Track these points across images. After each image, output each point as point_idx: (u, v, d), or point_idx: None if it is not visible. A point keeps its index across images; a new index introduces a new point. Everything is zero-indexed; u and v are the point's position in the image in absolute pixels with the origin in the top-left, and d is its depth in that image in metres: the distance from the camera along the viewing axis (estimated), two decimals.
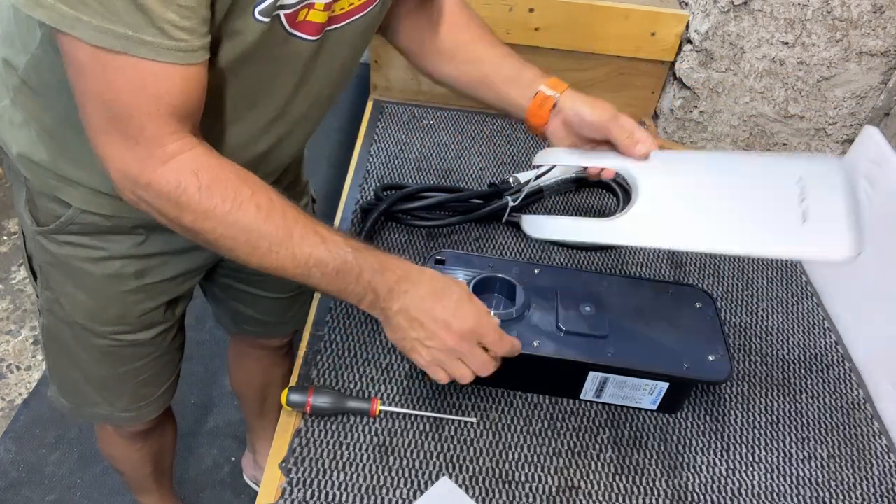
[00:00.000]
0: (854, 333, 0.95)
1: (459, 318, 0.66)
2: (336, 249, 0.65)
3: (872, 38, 1.13)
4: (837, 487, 0.78)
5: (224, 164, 0.63)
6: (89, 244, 0.80)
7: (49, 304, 0.88)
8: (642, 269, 1.01)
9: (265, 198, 0.64)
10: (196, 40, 0.56)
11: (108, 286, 0.84)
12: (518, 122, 0.87)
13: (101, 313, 0.86)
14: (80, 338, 0.89)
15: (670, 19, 1.21)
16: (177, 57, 0.56)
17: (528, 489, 0.73)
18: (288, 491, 0.71)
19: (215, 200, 0.61)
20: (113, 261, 0.82)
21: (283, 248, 0.64)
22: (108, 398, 0.96)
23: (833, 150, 1.28)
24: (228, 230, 0.63)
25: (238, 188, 0.63)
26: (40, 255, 0.84)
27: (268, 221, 0.63)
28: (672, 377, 0.77)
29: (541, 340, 0.77)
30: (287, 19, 0.63)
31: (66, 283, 0.84)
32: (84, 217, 0.77)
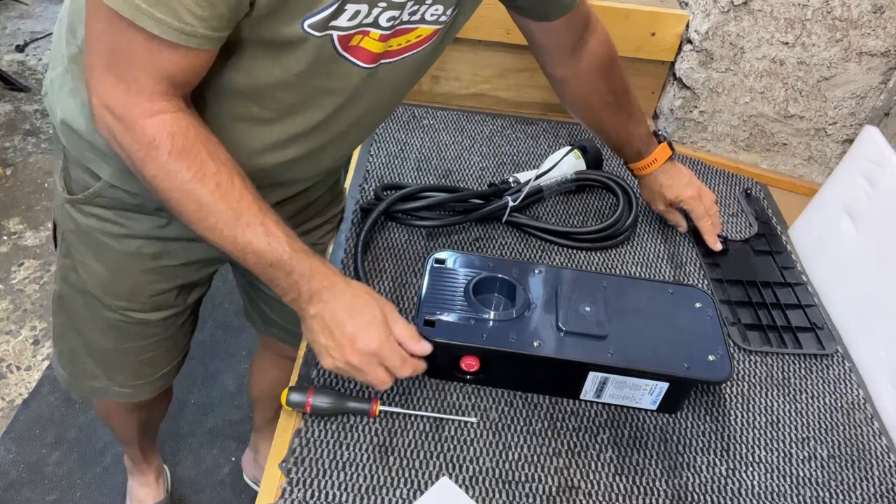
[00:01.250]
0: (854, 333, 0.95)
1: (366, 339, 0.70)
2: (275, 245, 0.68)
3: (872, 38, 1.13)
4: (837, 487, 0.78)
5: (200, 136, 0.66)
6: (113, 219, 0.83)
7: (65, 272, 0.90)
8: (642, 270, 1.01)
9: (227, 177, 0.67)
10: (204, 30, 0.58)
11: (125, 262, 0.86)
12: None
13: (115, 287, 0.88)
14: (91, 307, 0.91)
15: (670, 19, 1.21)
16: (178, 38, 0.58)
17: (528, 489, 0.73)
18: (288, 491, 0.71)
19: (181, 166, 0.64)
20: (133, 239, 0.84)
21: (227, 229, 0.67)
22: (107, 371, 0.98)
23: (833, 150, 1.28)
24: (183, 197, 0.66)
25: (204, 161, 0.65)
26: (65, 223, 0.87)
27: (222, 201, 0.66)
28: (672, 377, 0.77)
29: (541, 340, 0.77)
30: (340, 41, 0.65)
31: (86, 253, 0.86)
32: (112, 192, 0.80)
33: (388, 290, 0.93)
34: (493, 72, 1.31)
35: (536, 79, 1.31)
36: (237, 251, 0.68)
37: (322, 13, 0.61)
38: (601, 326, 0.79)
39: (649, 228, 1.09)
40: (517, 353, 0.76)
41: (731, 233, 1.11)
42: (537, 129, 1.29)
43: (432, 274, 0.84)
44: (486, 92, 1.34)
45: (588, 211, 1.11)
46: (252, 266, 0.70)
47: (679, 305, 0.84)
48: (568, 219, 1.09)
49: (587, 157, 1.12)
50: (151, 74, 0.61)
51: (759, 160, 1.33)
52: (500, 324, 0.78)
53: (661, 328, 0.81)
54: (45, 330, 1.81)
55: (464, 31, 1.24)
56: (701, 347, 0.79)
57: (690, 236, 1.08)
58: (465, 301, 0.80)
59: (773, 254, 1.06)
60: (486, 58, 1.29)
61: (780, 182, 1.30)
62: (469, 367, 0.79)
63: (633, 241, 1.06)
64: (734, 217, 1.15)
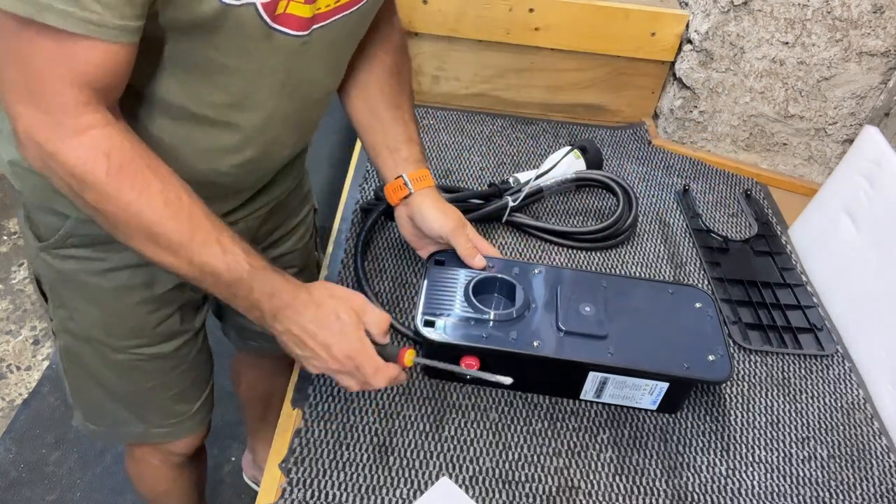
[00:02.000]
0: (854, 333, 0.95)
1: (340, 345, 0.68)
2: (234, 264, 0.65)
3: (872, 38, 1.13)
4: (837, 487, 0.78)
5: (137, 150, 0.61)
6: (92, 256, 0.78)
7: (63, 324, 0.86)
8: (642, 270, 1.01)
9: (174, 195, 0.62)
10: (114, 18, 0.54)
11: (118, 298, 0.82)
12: None
13: (117, 327, 0.84)
14: (100, 353, 0.86)
15: (670, 19, 1.21)
16: (87, 29, 0.53)
17: (528, 489, 0.73)
18: (288, 491, 0.71)
19: (123, 187, 0.60)
20: (118, 272, 0.80)
21: (182, 250, 0.63)
22: (139, 414, 0.93)
23: (833, 150, 1.28)
24: (130, 219, 0.61)
25: (148, 179, 0.61)
26: (47, 273, 0.82)
27: (172, 220, 0.62)
28: (672, 377, 0.77)
29: (541, 341, 0.77)
30: (265, 9, 0.61)
31: (76, 298, 0.82)
32: (84, 228, 0.76)
33: (387, 290, 0.93)
34: (493, 72, 1.31)
35: (536, 79, 1.31)
36: (193, 273, 0.64)
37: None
38: (601, 326, 0.79)
39: (649, 228, 1.09)
40: (517, 353, 0.76)
41: (731, 233, 1.11)
42: (537, 129, 1.29)
43: (432, 274, 0.84)
44: (486, 92, 1.34)
45: (588, 211, 1.11)
46: (210, 287, 0.66)
47: (679, 305, 0.84)
48: (568, 219, 1.09)
49: (587, 157, 1.12)
50: (69, 82, 0.56)
51: (759, 160, 1.33)
52: (499, 324, 0.78)
53: (661, 328, 0.81)
54: (44, 330, 1.81)
55: (464, 31, 1.25)
56: (701, 347, 0.79)
57: (691, 236, 1.08)
58: (464, 301, 0.80)
59: (773, 255, 1.06)
60: (486, 58, 1.29)
61: (780, 182, 1.30)
62: (469, 368, 0.79)
63: (633, 241, 1.06)
64: (734, 217, 1.15)
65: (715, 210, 1.15)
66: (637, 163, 1.24)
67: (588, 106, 1.35)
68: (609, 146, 1.27)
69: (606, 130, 1.32)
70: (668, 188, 1.18)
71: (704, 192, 1.19)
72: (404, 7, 1.22)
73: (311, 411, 0.78)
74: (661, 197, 1.16)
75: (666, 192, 1.18)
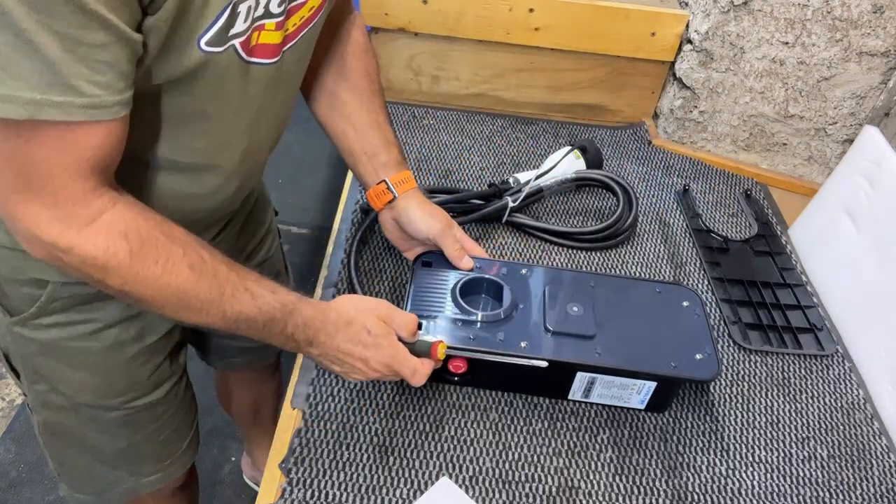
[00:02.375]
0: (854, 333, 0.95)
1: (374, 357, 0.70)
2: (265, 307, 0.65)
3: (872, 38, 1.13)
4: (837, 487, 0.78)
5: (151, 221, 0.60)
6: (78, 319, 0.75)
7: (42, 398, 0.82)
8: (642, 270, 1.01)
9: (197, 257, 0.61)
10: (111, 95, 0.52)
11: (109, 358, 0.79)
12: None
13: (110, 387, 0.82)
14: (89, 418, 0.83)
15: (670, 19, 1.21)
16: (89, 114, 0.51)
17: (528, 489, 0.73)
18: (288, 491, 0.71)
19: (147, 264, 0.58)
20: (108, 330, 0.77)
21: (214, 308, 0.62)
22: (129, 469, 0.92)
23: (833, 150, 1.28)
24: (159, 293, 0.60)
25: (169, 249, 0.60)
26: (21, 347, 0.77)
27: (199, 282, 0.61)
28: (659, 376, 0.77)
29: (528, 341, 0.77)
30: (242, 47, 0.60)
31: (60, 368, 0.78)
32: (65, 290, 0.72)
33: (387, 290, 0.93)
34: (493, 72, 1.31)
35: (536, 79, 1.31)
36: (227, 325, 0.64)
37: (215, 25, 0.55)
38: (589, 326, 0.79)
39: (649, 228, 1.09)
40: (505, 354, 0.76)
41: (731, 233, 1.11)
42: (537, 129, 1.29)
43: (419, 275, 0.84)
44: (486, 92, 1.34)
45: (588, 211, 1.11)
46: (244, 332, 0.66)
47: (667, 304, 0.84)
48: (568, 219, 1.09)
49: (587, 157, 1.12)
50: (75, 172, 0.54)
51: (759, 160, 1.33)
52: (487, 325, 0.78)
53: (648, 327, 0.81)
54: None
55: (464, 31, 1.25)
56: (688, 346, 0.79)
57: (691, 236, 1.08)
58: (452, 302, 0.80)
59: (773, 255, 1.06)
60: (486, 58, 1.29)
61: (780, 182, 1.30)
62: (457, 369, 0.79)
63: (633, 241, 1.06)
64: (734, 217, 1.15)
65: (715, 210, 1.15)
66: (637, 163, 1.24)
67: (588, 106, 1.35)
68: (609, 146, 1.27)
69: (606, 130, 1.32)
70: (668, 188, 1.18)
71: (704, 192, 1.19)
72: (404, 7, 1.22)
73: (311, 411, 0.78)
74: (661, 197, 1.16)
75: (666, 192, 1.18)
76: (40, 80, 0.48)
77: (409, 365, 0.72)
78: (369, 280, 0.94)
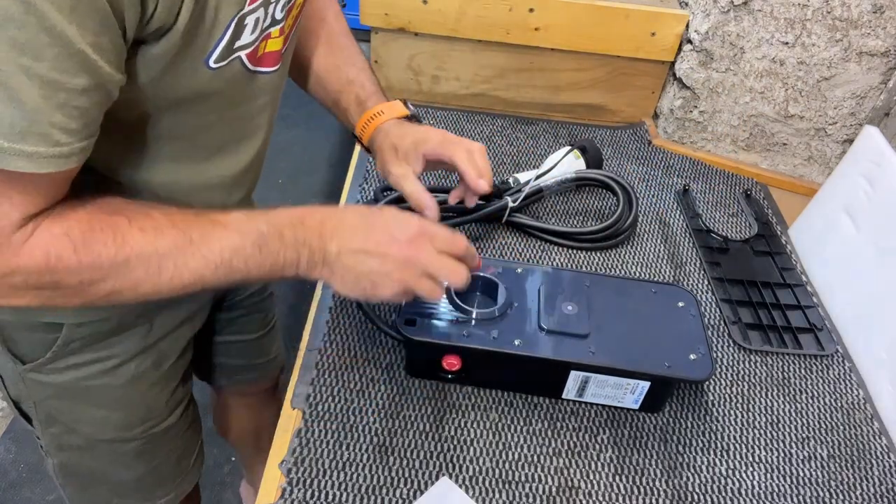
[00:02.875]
0: (854, 333, 0.95)
1: (400, 227, 0.61)
2: (244, 227, 0.57)
3: (872, 38, 1.13)
4: (837, 487, 0.78)
5: (90, 207, 0.54)
6: (95, 358, 0.72)
7: (59, 440, 0.79)
8: (642, 270, 1.01)
9: (145, 219, 0.55)
10: (77, 142, 0.48)
11: (130, 391, 0.77)
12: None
13: (130, 419, 0.80)
14: (107, 453, 0.82)
15: (670, 19, 1.21)
16: (55, 164, 0.47)
17: (528, 489, 0.73)
18: (288, 491, 0.71)
19: (97, 248, 0.53)
20: (127, 364, 0.75)
21: (190, 257, 0.55)
22: (146, 495, 0.91)
23: (833, 150, 1.28)
24: (123, 271, 0.54)
25: (114, 224, 0.54)
26: (35, 393, 0.74)
27: (158, 239, 0.54)
28: (653, 376, 0.77)
29: (522, 339, 0.77)
30: (249, 58, 0.58)
31: (79, 408, 0.76)
32: (81, 331, 0.70)
33: None
34: (493, 72, 1.31)
35: (536, 79, 1.31)
36: (219, 268, 0.56)
37: (221, 42, 0.53)
38: (583, 325, 0.79)
39: (649, 228, 1.09)
40: (498, 351, 0.76)
41: (731, 233, 1.11)
42: (537, 129, 1.29)
43: None
44: (486, 92, 1.34)
45: (588, 211, 1.11)
46: (244, 268, 0.58)
47: (661, 304, 0.84)
48: (568, 219, 1.09)
49: (587, 157, 1.12)
50: (22, 211, 0.49)
51: (759, 160, 1.33)
52: (481, 322, 0.78)
53: (642, 327, 0.81)
54: None
55: (464, 31, 1.25)
56: (682, 346, 0.79)
57: (691, 236, 1.08)
58: (446, 300, 0.80)
59: (773, 255, 1.06)
60: (486, 58, 1.29)
61: (780, 182, 1.30)
62: (451, 367, 0.79)
63: (633, 241, 1.06)
64: (734, 217, 1.15)
65: (715, 210, 1.15)
66: (637, 163, 1.24)
67: (588, 106, 1.35)
68: (609, 146, 1.27)
69: (606, 130, 1.32)
70: (668, 188, 1.18)
71: (704, 192, 1.19)
72: (404, 7, 1.22)
73: (311, 411, 0.78)
74: (661, 197, 1.16)
75: (666, 192, 1.18)
76: (12, 128, 0.44)
77: (445, 263, 0.62)
78: None
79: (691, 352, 0.78)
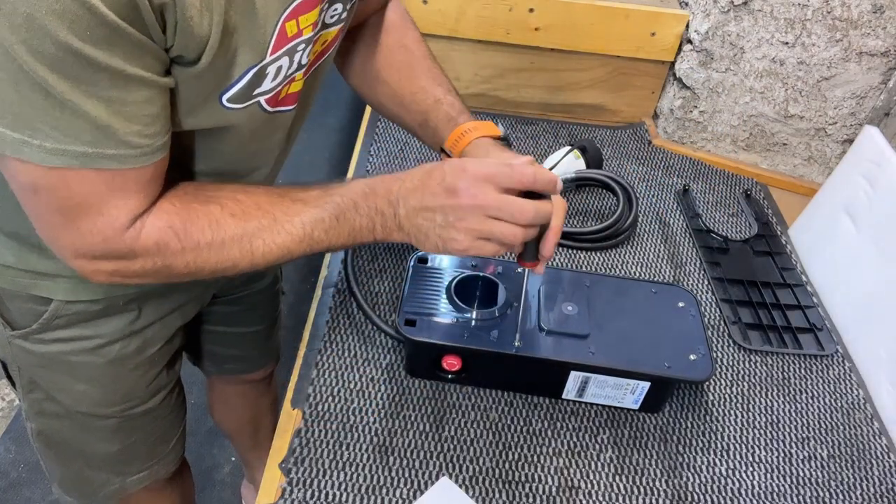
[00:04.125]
0: (854, 333, 0.95)
1: (456, 177, 0.60)
2: (322, 202, 0.63)
3: (872, 38, 1.13)
4: (837, 487, 0.78)
5: (184, 199, 0.61)
6: (81, 335, 0.75)
7: (39, 406, 0.82)
8: (642, 270, 1.01)
9: (234, 204, 0.62)
10: (159, 139, 0.54)
11: (111, 371, 0.80)
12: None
13: (109, 397, 0.82)
14: (82, 425, 0.84)
15: (670, 19, 1.21)
16: (140, 161, 0.53)
17: (528, 489, 0.73)
18: (288, 491, 0.71)
19: (196, 238, 0.60)
20: (112, 345, 0.77)
21: (276, 234, 0.62)
22: (117, 471, 0.92)
23: (833, 150, 1.28)
24: (221, 253, 0.61)
25: (208, 213, 0.60)
26: (20, 358, 0.78)
27: (247, 221, 0.61)
28: (653, 377, 0.77)
29: (522, 340, 0.77)
30: (268, 102, 0.61)
31: (60, 379, 0.79)
32: (69, 307, 0.73)
33: (387, 290, 0.93)
34: (493, 72, 1.31)
35: (536, 79, 1.31)
36: (303, 241, 0.63)
37: (238, 84, 0.56)
38: (583, 326, 0.79)
39: (649, 228, 1.09)
40: (498, 352, 0.76)
41: (731, 233, 1.11)
42: (537, 129, 1.29)
43: (414, 273, 0.84)
44: (486, 92, 1.34)
45: (588, 211, 1.11)
46: (325, 239, 0.63)
47: (662, 305, 0.84)
48: (568, 219, 1.09)
49: (587, 157, 1.12)
50: (126, 213, 0.56)
51: (759, 160, 1.33)
52: (481, 323, 0.78)
53: (643, 327, 0.81)
54: None
55: (464, 31, 1.25)
56: (682, 347, 0.79)
57: (691, 236, 1.08)
58: (446, 300, 0.80)
59: (773, 255, 1.06)
60: (486, 58, 1.29)
61: (780, 182, 1.30)
62: (451, 367, 0.79)
63: (633, 241, 1.06)
64: (734, 217, 1.15)
65: (715, 210, 1.15)
66: (637, 163, 1.24)
67: (588, 106, 1.35)
68: (609, 146, 1.27)
69: (606, 130, 1.32)
70: (668, 188, 1.18)
71: (704, 192, 1.19)
72: None
73: (311, 411, 0.78)
74: (661, 197, 1.16)
75: (666, 192, 1.18)
76: (93, 137, 0.50)
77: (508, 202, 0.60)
78: (369, 280, 0.94)
79: (691, 352, 0.78)
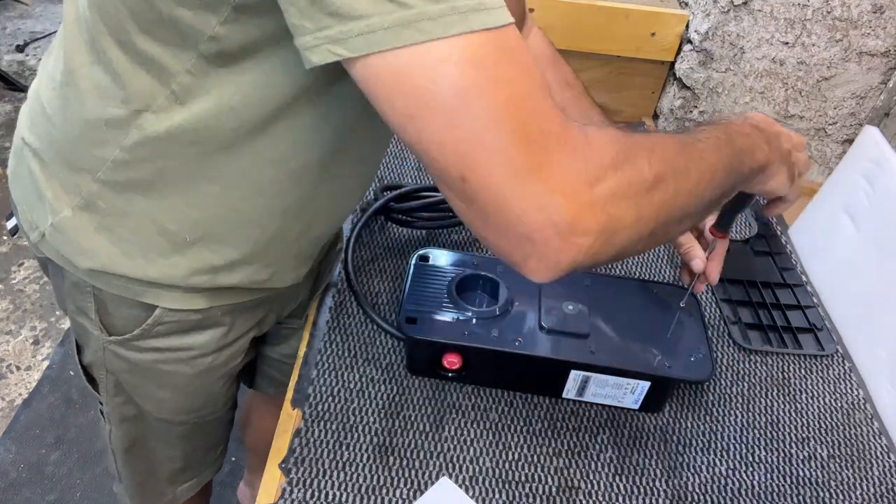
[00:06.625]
0: (854, 333, 0.95)
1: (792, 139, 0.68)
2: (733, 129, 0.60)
3: (872, 38, 1.13)
4: (837, 487, 0.78)
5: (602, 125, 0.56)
6: (176, 346, 0.74)
7: (117, 410, 0.83)
8: (642, 270, 1.01)
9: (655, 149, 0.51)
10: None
11: (197, 381, 0.80)
12: None
13: (189, 405, 0.83)
14: (157, 431, 0.85)
15: (670, 19, 1.21)
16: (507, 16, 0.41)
17: (528, 489, 0.73)
18: (288, 491, 0.71)
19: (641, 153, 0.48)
20: (205, 357, 0.77)
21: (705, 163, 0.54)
22: (171, 479, 0.93)
23: (833, 150, 1.28)
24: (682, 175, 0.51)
25: (636, 140, 0.49)
26: (111, 364, 0.77)
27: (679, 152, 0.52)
28: (653, 376, 0.77)
29: (522, 338, 0.77)
30: None
31: (145, 386, 0.79)
32: (171, 316, 0.71)
33: (387, 290, 0.93)
34: None
35: None
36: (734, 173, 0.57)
37: None
38: (583, 325, 0.79)
39: None
40: (498, 350, 0.76)
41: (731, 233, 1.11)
42: None
43: (415, 271, 0.84)
44: None
45: None
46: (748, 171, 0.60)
47: (662, 305, 0.84)
48: None
49: None
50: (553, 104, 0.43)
51: None
52: (482, 321, 0.78)
53: (643, 327, 0.81)
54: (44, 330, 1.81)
55: None
56: (683, 347, 0.79)
57: None
58: (447, 298, 0.81)
59: (773, 255, 1.06)
60: None
61: None
62: (451, 365, 0.79)
63: None
64: None
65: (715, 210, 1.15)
66: None
67: None
68: None
69: None
70: None
71: None
72: None
73: (311, 411, 0.78)
74: None
75: None
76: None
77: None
78: (369, 280, 0.94)
79: (691, 352, 0.78)
